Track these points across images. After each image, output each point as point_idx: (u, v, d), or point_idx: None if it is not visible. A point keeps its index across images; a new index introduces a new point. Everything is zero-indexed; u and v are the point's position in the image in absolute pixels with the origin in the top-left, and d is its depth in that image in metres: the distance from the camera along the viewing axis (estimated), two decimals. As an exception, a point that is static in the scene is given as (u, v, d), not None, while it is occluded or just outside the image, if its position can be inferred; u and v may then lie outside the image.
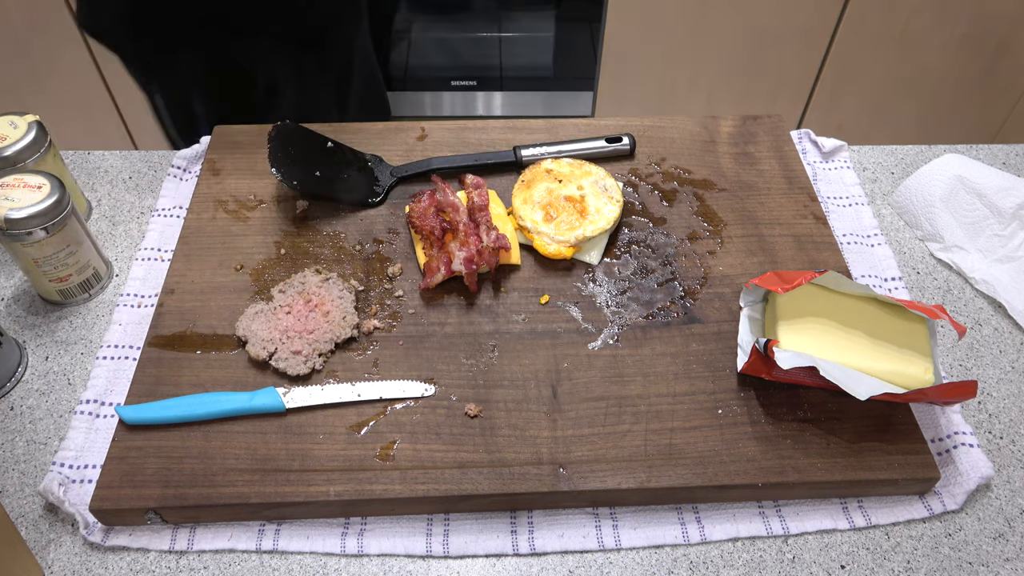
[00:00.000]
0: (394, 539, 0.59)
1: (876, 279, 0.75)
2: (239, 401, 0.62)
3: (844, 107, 2.00)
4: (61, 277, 0.71)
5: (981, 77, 1.92)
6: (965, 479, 0.61)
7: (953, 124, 2.02)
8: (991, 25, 1.81)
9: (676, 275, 0.72)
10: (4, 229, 0.66)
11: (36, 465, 0.63)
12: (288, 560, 0.58)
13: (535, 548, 0.58)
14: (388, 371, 0.65)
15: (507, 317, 0.69)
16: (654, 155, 0.83)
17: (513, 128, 0.86)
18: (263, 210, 0.78)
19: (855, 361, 0.61)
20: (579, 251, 0.73)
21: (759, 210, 0.78)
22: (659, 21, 1.82)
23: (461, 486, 0.58)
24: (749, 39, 1.86)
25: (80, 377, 0.68)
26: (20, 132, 0.72)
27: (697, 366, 0.65)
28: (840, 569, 0.58)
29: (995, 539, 0.59)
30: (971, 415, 0.66)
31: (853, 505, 0.60)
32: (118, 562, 0.58)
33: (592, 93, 2.02)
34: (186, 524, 0.59)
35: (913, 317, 0.64)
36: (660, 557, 0.58)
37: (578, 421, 0.62)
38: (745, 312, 0.67)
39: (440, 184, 0.75)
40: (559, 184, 0.76)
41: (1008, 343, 0.71)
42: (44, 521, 0.60)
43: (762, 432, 0.61)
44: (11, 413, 0.66)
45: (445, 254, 0.70)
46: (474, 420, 0.62)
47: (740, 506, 0.60)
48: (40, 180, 0.68)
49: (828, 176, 0.85)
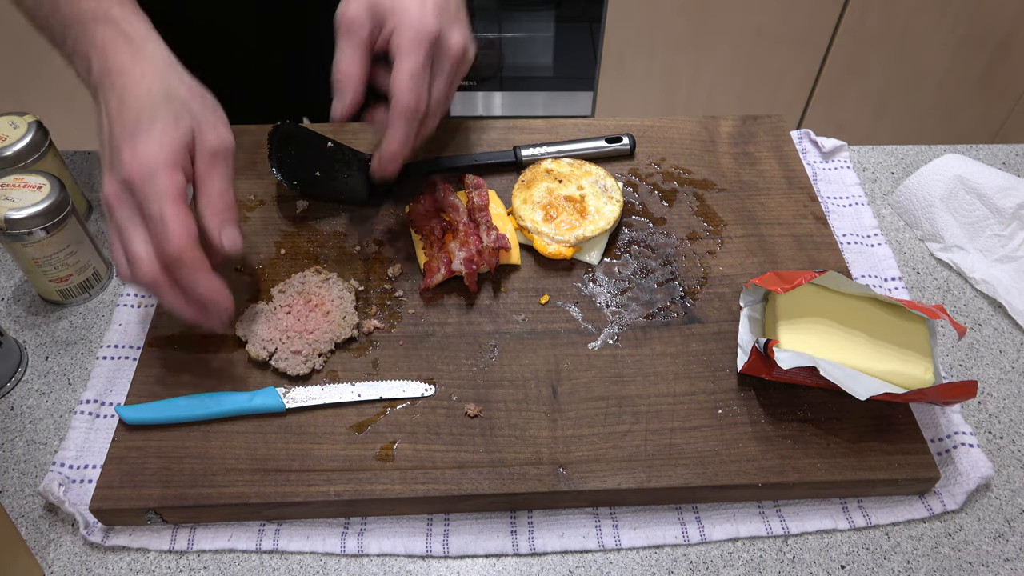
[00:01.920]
0: (394, 539, 0.59)
1: (876, 279, 0.75)
2: (239, 401, 0.62)
3: (844, 107, 2.00)
4: (61, 277, 0.71)
5: (981, 77, 1.92)
6: (965, 479, 0.61)
7: (953, 124, 2.03)
8: (991, 25, 1.81)
9: (676, 275, 0.72)
10: (4, 229, 0.66)
11: (36, 465, 0.63)
12: (288, 560, 0.58)
13: (535, 548, 0.58)
14: (388, 371, 0.65)
15: (507, 317, 0.69)
16: (654, 155, 0.83)
17: (513, 128, 0.86)
18: (263, 210, 0.78)
19: (855, 361, 0.61)
20: (579, 251, 0.73)
21: (759, 210, 0.78)
22: (659, 21, 1.82)
23: (461, 486, 0.58)
24: (749, 39, 1.86)
25: (80, 377, 0.68)
26: (20, 132, 0.72)
27: (697, 366, 0.65)
28: (840, 569, 0.58)
29: (995, 539, 0.59)
30: (971, 415, 0.66)
31: (853, 505, 0.61)
32: (118, 562, 0.58)
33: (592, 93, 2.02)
34: (186, 524, 0.59)
35: (913, 317, 0.64)
36: (660, 557, 0.58)
37: (578, 421, 0.62)
38: (745, 312, 0.67)
39: (440, 184, 0.75)
40: (559, 184, 0.76)
41: (1008, 343, 0.71)
42: (44, 521, 0.60)
43: (762, 432, 0.61)
44: (11, 413, 0.66)
45: (445, 254, 0.70)
46: (474, 420, 0.62)
47: (740, 506, 0.60)
48: (40, 180, 0.68)
49: (828, 176, 0.85)
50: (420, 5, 0.62)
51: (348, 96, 0.64)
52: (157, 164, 0.55)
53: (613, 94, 1.97)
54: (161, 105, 0.57)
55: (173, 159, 0.56)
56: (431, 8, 0.62)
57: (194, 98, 0.59)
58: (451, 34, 0.64)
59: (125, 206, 0.56)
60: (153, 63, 0.58)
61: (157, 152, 0.55)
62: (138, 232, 0.56)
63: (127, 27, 0.59)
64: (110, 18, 0.59)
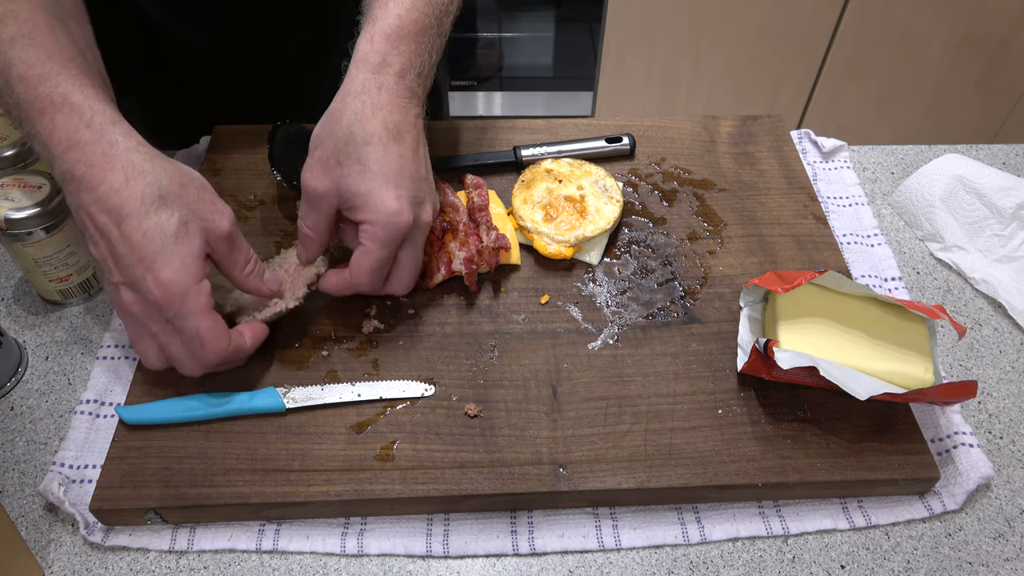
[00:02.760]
0: (394, 539, 0.59)
1: (876, 279, 0.75)
2: (239, 401, 0.62)
3: (844, 107, 2.00)
4: (61, 277, 0.71)
5: (981, 77, 1.92)
6: (965, 479, 0.61)
7: (953, 124, 2.03)
8: (991, 25, 1.81)
9: (676, 275, 0.72)
10: (4, 229, 0.66)
11: (36, 465, 0.63)
12: (288, 560, 0.58)
13: (535, 548, 0.58)
14: (388, 371, 0.65)
15: (507, 317, 0.69)
16: (654, 155, 0.83)
17: (513, 128, 0.86)
18: (263, 210, 0.78)
19: (855, 361, 0.61)
20: (579, 251, 0.73)
21: (759, 210, 0.78)
22: (659, 21, 1.82)
23: (461, 486, 0.58)
24: (749, 39, 1.86)
25: (80, 377, 0.68)
26: (20, 132, 0.72)
27: (697, 366, 0.65)
28: (840, 569, 0.58)
29: (995, 539, 0.59)
30: (971, 415, 0.66)
31: (853, 505, 0.61)
32: (118, 562, 0.58)
33: (592, 93, 2.03)
34: (186, 524, 0.59)
35: (913, 317, 0.64)
36: (660, 557, 0.58)
37: (578, 421, 0.62)
38: (745, 312, 0.67)
39: (440, 184, 0.75)
40: (559, 184, 0.76)
41: (1008, 343, 0.71)
42: (44, 521, 0.60)
43: (762, 432, 0.61)
44: (11, 413, 0.66)
45: (445, 254, 0.70)
46: (474, 420, 0.62)
47: (740, 506, 0.60)
48: (40, 180, 0.68)
49: (828, 176, 0.85)
50: (396, 196, 0.60)
51: (313, 252, 0.66)
52: (186, 286, 0.55)
53: (613, 94, 1.97)
54: (162, 213, 0.55)
55: (198, 273, 0.56)
56: (406, 199, 0.60)
57: (182, 187, 0.56)
58: (422, 215, 0.62)
59: (155, 320, 0.57)
60: (129, 160, 0.55)
61: (183, 275, 0.55)
62: (174, 341, 0.58)
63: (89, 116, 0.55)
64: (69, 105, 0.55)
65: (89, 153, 0.55)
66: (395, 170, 0.60)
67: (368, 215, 0.60)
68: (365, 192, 0.60)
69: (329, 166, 0.61)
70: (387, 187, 0.60)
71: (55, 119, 0.55)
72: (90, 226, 0.56)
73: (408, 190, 0.61)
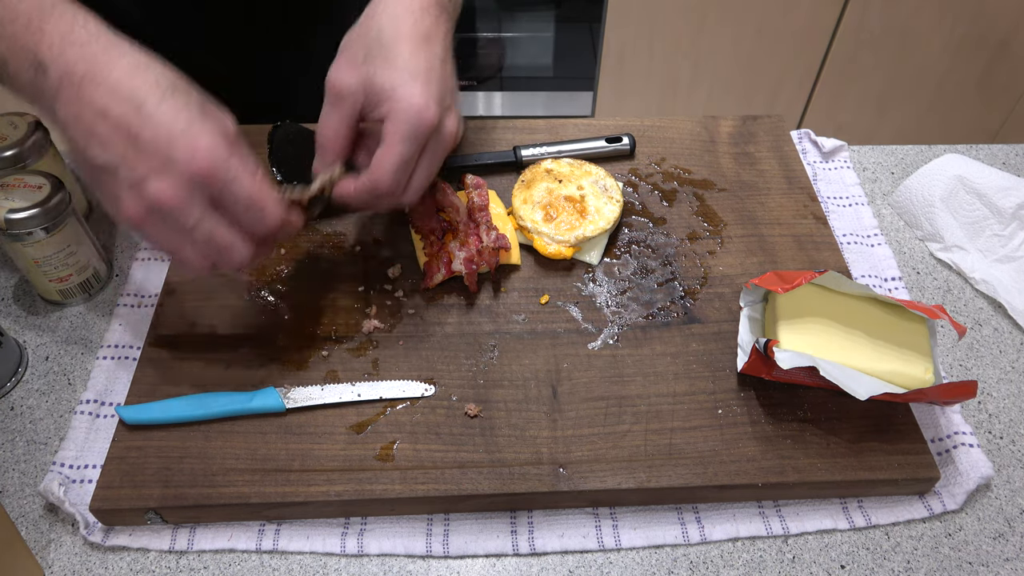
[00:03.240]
0: (394, 539, 0.59)
1: (876, 279, 0.75)
2: (239, 401, 0.62)
3: (844, 107, 2.00)
4: (61, 277, 0.71)
5: (981, 77, 1.92)
6: (965, 479, 0.61)
7: (953, 124, 2.03)
8: (991, 25, 1.81)
9: (676, 275, 0.72)
10: (4, 229, 0.66)
11: (36, 465, 0.63)
12: (288, 560, 0.58)
13: (535, 548, 0.58)
14: (388, 371, 0.65)
15: (507, 317, 0.69)
16: (654, 155, 0.83)
17: (513, 128, 0.86)
18: (263, 210, 0.77)
19: (855, 361, 0.61)
20: (579, 251, 0.73)
21: (759, 210, 0.78)
22: (659, 21, 1.82)
23: (461, 486, 0.58)
24: (749, 39, 1.86)
25: (80, 377, 0.68)
26: (20, 132, 0.72)
27: (697, 366, 0.65)
28: (840, 569, 0.58)
29: (995, 539, 0.59)
30: (971, 415, 0.66)
31: (853, 505, 0.61)
32: (118, 562, 0.58)
33: (592, 93, 2.02)
34: (186, 524, 0.59)
35: (913, 317, 0.64)
36: (660, 557, 0.58)
37: (578, 421, 0.62)
38: (745, 312, 0.67)
39: (440, 184, 0.75)
40: (559, 184, 0.76)
41: (1008, 343, 0.71)
42: (44, 521, 0.60)
43: (762, 432, 0.61)
44: (11, 413, 0.66)
45: (445, 254, 0.70)
46: (474, 420, 0.62)
47: (740, 506, 0.60)
48: (40, 180, 0.68)
49: (828, 176, 0.85)
50: (423, 92, 0.57)
51: (329, 160, 0.62)
52: (228, 148, 0.52)
53: (613, 94, 1.97)
54: (180, 98, 0.52)
55: (234, 141, 0.53)
56: (435, 96, 0.58)
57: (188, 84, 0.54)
58: (447, 121, 0.60)
59: (196, 205, 0.52)
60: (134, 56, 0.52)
61: (220, 139, 0.52)
62: (220, 223, 0.54)
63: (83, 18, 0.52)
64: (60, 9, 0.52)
65: (90, 51, 0.51)
66: (424, 68, 0.58)
67: (394, 107, 0.58)
68: (391, 87, 0.58)
69: (356, 62, 0.59)
70: (415, 82, 0.57)
71: (43, 27, 0.51)
72: (100, 124, 0.51)
73: (437, 89, 0.58)
